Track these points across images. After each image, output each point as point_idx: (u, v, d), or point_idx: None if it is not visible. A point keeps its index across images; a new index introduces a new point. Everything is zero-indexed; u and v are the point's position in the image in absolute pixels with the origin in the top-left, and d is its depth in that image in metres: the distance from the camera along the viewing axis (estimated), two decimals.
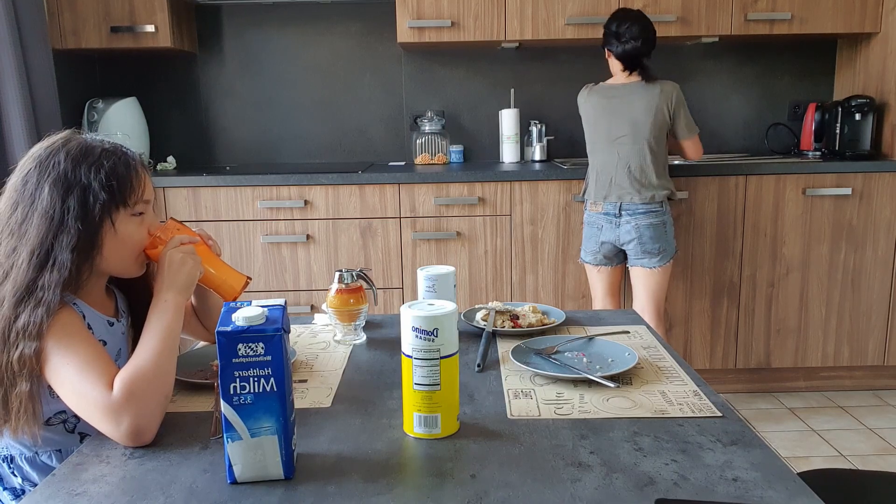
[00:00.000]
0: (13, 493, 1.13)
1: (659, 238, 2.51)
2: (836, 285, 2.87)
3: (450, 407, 0.97)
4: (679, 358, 1.25)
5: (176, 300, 1.09)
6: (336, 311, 1.37)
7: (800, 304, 2.89)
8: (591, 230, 2.63)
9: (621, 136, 2.50)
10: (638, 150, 2.49)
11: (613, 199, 2.51)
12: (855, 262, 2.86)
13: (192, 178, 2.79)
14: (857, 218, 2.82)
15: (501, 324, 1.41)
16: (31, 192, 1.07)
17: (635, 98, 2.49)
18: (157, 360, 1.02)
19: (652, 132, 2.47)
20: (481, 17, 2.91)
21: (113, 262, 1.13)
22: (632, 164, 2.49)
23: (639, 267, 2.57)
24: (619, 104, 2.51)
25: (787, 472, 0.85)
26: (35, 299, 1.02)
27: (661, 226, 2.51)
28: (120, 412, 0.95)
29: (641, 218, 2.49)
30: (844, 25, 2.94)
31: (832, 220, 2.83)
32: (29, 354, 1.00)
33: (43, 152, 1.09)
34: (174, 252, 1.13)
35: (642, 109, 2.47)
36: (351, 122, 3.35)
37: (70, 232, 1.05)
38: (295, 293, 2.87)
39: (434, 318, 0.93)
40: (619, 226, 2.53)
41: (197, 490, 0.84)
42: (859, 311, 2.90)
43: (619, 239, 2.54)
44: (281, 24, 3.26)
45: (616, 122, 2.51)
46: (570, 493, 0.81)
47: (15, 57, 2.49)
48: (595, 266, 2.66)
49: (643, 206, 2.48)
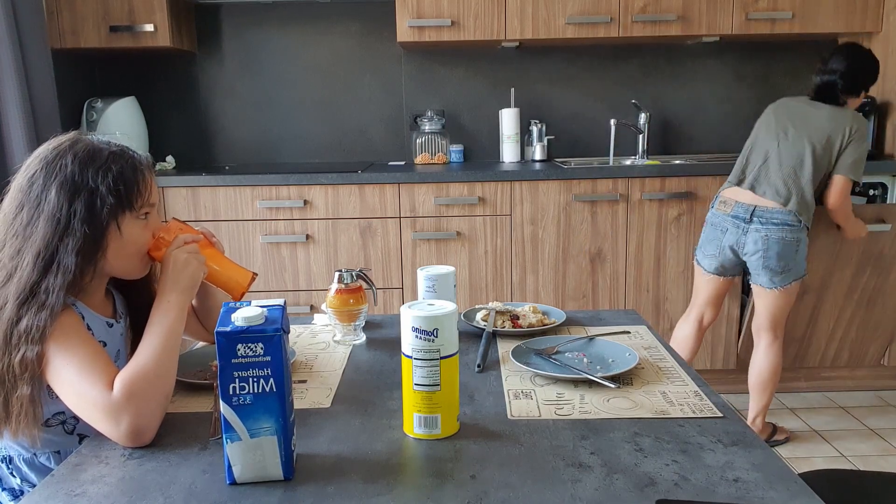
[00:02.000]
0: (12, 493, 1.13)
1: (785, 255, 2.30)
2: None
3: (450, 407, 0.96)
4: (679, 358, 1.25)
5: (179, 301, 1.09)
6: (336, 312, 1.37)
7: (800, 304, 2.88)
8: (713, 232, 2.44)
9: (789, 131, 2.34)
10: (798, 153, 2.30)
11: (746, 198, 2.33)
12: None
13: (191, 177, 2.79)
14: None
15: (501, 324, 1.41)
16: (37, 195, 1.06)
17: (822, 112, 2.34)
18: (159, 360, 1.01)
19: (821, 146, 2.29)
20: (481, 16, 2.91)
21: (117, 265, 1.13)
22: (786, 161, 2.30)
23: (757, 285, 2.40)
24: (804, 109, 2.37)
25: (788, 472, 0.85)
26: (38, 302, 1.01)
27: (795, 243, 2.30)
28: (120, 412, 0.95)
29: (774, 230, 2.28)
30: (845, 25, 2.93)
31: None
32: (31, 358, 0.99)
33: (50, 154, 1.08)
34: (178, 252, 1.12)
35: (825, 119, 2.31)
36: (351, 122, 3.34)
37: (76, 235, 1.05)
38: (294, 293, 2.87)
39: (434, 319, 0.93)
40: (747, 233, 2.33)
41: (196, 491, 0.84)
42: (868, 325, 2.86)
43: (744, 248, 2.35)
44: (281, 24, 3.26)
45: (792, 120, 2.36)
46: (570, 494, 0.81)
47: (14, 56, 2.49)
48: (707, 273, 2.50)
49: (779, 214, 2.28)
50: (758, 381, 2.49)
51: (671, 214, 2.82)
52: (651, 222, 2.83)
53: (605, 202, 2.80)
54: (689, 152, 3.36)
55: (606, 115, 3.27)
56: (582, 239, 2.83)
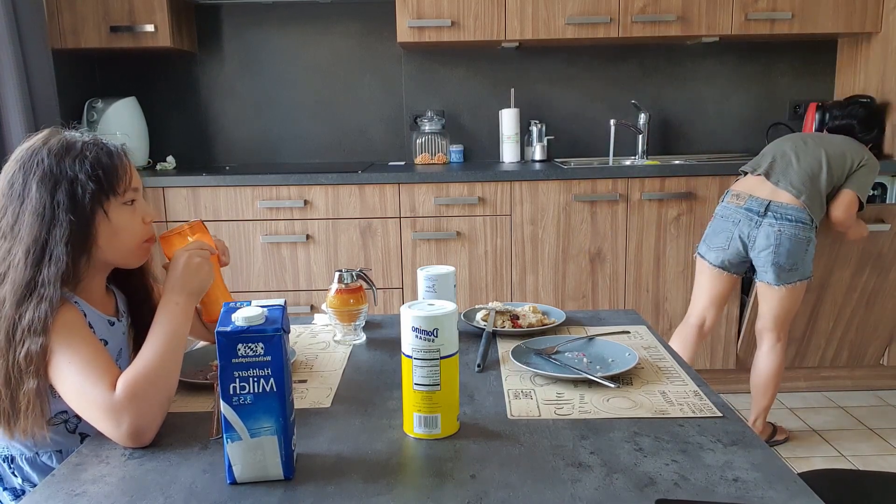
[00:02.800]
0: (13, 493, 1.13)
1: (795, 253, 2.29)
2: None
3: (450, 407, 0.96)
4: (679, 358, 1.25)
5: (186, 304, 1.09)
6: (336, 312, 1.37)
7: (802, 304, 2.88)
8: (723, 224, 2.40)
9: (808, 142, 2.38)
10: (816, 158, 2.32)
11: (762, 193, 2.32)
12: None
13: (191, 177, 2.79)
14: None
15: (501, 324, 1.41)
16: (18, 193, 1.06)
17: (839, 137, 2.44)
18: (162, 361, 1.01)
19: (836, 159, 2.32)
20: (481, 16, 2.91)
21: (111, 253, 1.13)
22: (804, 163, 2.32)
23: (763, 283, 2.38)
24: (820, 134, 2.53)
25: (788, 472, 0.85)
26: (37, 296, 1.02)
27: (805, 242, 2.29)
28: (121, 413, 0.95)
29: (787, 226, 2.27)
30: (845, 25, 2.94)
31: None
32: (35, 350, 0.99)
33: (25, 153, 1.09)
34: (193, 254, 1.12)
35: (842, 140, 2.41)
36: (351, 122, 3.35)
37: (63, 225, 1.05)
38: (295, 293, 2.87)
39: (434, 319, 0.93)
40: (760, 227, 2.31)
41: (196, 490, 0.84)
42: (867, 324, 2.87)
43: (754, 242, 2.32)
44: (281, 24, 3.26)
45: (811, 136, 2.44)
46: (570, 494, 0.81)
47: (14, 57, 2.49)
48: (713, 266, 2.45)
49: (794, 211, 2.26)
50: (760, 383, 2.48)
51: (671, 214, 2.82)
52: (651, 222, 2.83)
53: (604, 202, 2.81)
54: (689, 152, 3.36)
55: (606, 115, 3.27)
56: (582, 239, 2.83)
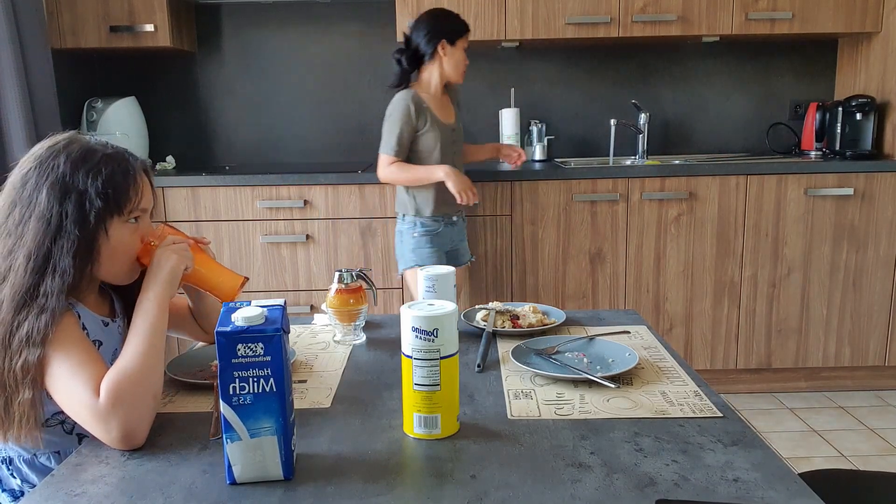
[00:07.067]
0: (12, 494, 1.13)
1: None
2: (838, 286, 2.87)
3: (450, 407, 0.96)
4: (679, 358, 1.25)
5: (160, 295, 1.07)
6: (336, 312, 1.37)
7: (801, 304, 2.89)
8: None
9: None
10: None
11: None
12: (857, 262, 2.85)
13: (191, 177, 2.79)
14: (858, 218, 2.82)
15: (501, 324, 1.41)
16: (29, 193, 1.06)
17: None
18: (142, 360, 1.00)
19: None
20: (481, 16, 2.91)
21: (104, 269, 1.11)
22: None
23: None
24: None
25: (788, 472, 0.85)
26: (38, 306, 1.01)
27: (397, 234, 2.55)
28: (108, 417, 0.94)
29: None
30: (845, 25, 2.93)
31: (834, 220, 2.82)
32: (32, 362, 0.98)
33: (45, 152, 1.08)
34: (162, 249, 1.12)
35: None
36: (351, 122, 3.34)
37: (70, 237, 1.04)
38: (294, 293, 2.86)
39: (434, 319, 0.93)
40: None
41: (196, 491, 0.84)
42: (860, 312, 2.89)
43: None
44: (281, 24, 3.26)
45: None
46: (570, 494, 0.81)
47: (14, 56, 2.49)
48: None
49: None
50: None
51: (671, 214, 2.82)
52: (651, 222, 2.83)
53: (604, 202, 2.80)
54: (689, 152, 3.36)
55: (606, 115, 3.27)
56: (582, 239, 2.83)
